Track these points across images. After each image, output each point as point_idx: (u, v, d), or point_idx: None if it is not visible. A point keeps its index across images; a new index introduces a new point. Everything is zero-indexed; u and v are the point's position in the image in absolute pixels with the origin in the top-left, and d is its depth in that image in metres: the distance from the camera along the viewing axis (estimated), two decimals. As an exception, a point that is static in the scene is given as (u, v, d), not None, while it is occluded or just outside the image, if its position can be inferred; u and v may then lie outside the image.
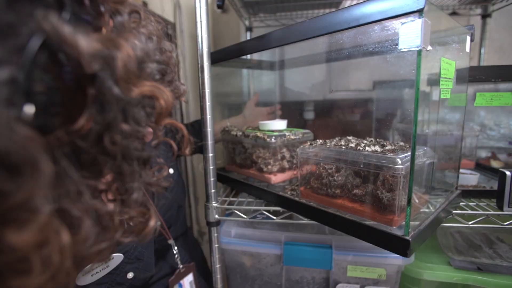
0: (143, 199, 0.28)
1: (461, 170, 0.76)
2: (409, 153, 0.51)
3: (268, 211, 0.65)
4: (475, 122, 0.96)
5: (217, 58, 0.73)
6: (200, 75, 0.63)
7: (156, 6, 1.34)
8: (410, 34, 0.40)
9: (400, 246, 0.44)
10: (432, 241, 0.82)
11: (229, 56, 0.71)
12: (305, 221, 0.62)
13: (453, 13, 1.07)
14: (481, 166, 0.84)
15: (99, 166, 0.22)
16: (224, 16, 1.56)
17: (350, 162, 0.53)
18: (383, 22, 0.43)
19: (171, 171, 0.68)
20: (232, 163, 0.83)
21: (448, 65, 0.48)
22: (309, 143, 0.62)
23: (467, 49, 0.56)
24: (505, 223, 0.59)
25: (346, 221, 0.51)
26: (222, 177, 0.81)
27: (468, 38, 0.56)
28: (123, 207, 0.26)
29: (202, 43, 0.61)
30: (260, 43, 0.62)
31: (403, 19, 0.41)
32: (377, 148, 0.53)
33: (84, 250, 0.21)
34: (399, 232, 0.46)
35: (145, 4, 1.24)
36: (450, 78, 0.50)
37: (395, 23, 0.43)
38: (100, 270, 0.50)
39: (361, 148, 0.54)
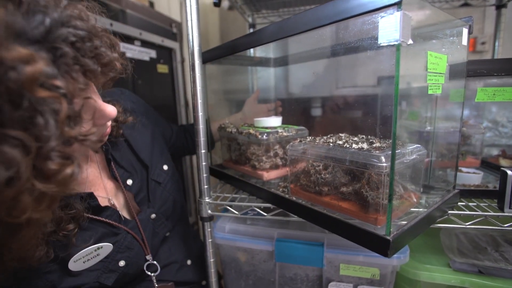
0: (66, 152, 0.31)
1: (464, 169, 0.73)
2: (399, 150, 0.50)
3: (259, 208, 0.66)
4: (485, 119, 0.91)
5: (211, 56, 0.74)
6: (191, 73, 0.64)
7: (163, 6, 1.37)
8: (388, 28, 0.39)
9: (380, 245, 0.43)
10: (434, 241, 0.79)
11: (223, 54, 0.71)
12: (295, 218, 0.61)
13: (465, 4, 1.02)
14: (489, 165, 0.80)
15: (5, 115, 0.26)
16: (231, 13, 1.57)
17: (336, 159, 0.52)
18: (365, 16, 0.42)
19: (165, 167, 0.70)
20: (228, 159, 0.84)
21: (437, 59, 0.46)
22: (298, 140, 0.61)
23: (464, 42, 0.54)
24: (505, 225, 0.57)
25: (330, 219, 0.51)
26: (218, 173, 0.82)
27: (465, 31, 0.54)
28: (41, 156, 0.29)
29: (192, 42, 0.62)
30: (250, 40, 0.62)
31: (382, 13, 0.40)
32: (365, 145, 0.52)
33: None
34: (383, 232, 0.45)
35: (151, 4, 1.27)
36: (440, 73, 0.48)
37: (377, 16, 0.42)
38: (91, 258, 0.53)
39: (348, 146, 0.53)
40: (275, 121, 0.74)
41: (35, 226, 0.36)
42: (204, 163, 0.67)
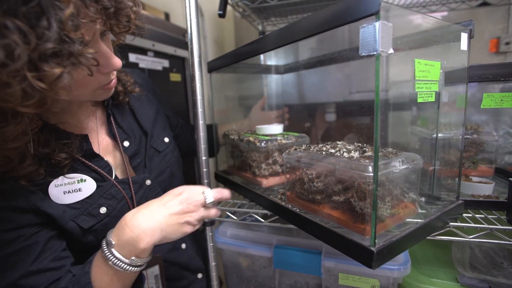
0: (60, 59, 0.34)
1: (474, 178, 0.69)
2: (388, 160, 0.49)
3: (257, 214, 0.67)
4: (506, 125, 0.85)
5: (216, 65, 0.77)
6: (191, 83, 0.66)
7: (179, 16, 1.42)
8: (368, 38, 0.39)
9: (365, 256, 0.43)
10: (444, 254, 0.75)
11: (227, 63, 0.74)
12: (289, 225, 0.62)
13: (484, 4, 0.97)
14: (507, 174, 0.75)
15: (13, 5, 0.30)
16: (244, 21, 1.60)
17: (327, 168, 0.52)
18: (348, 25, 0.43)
19: (166, 139, 0.71)
20: (232, 166, 0.86)
21: (428, 66, 0.45)
22: (294, 148, 0.62)
23: (464, 47, 0.52)
24: (513, 239, 0.53)
25: (318, 227, 0.51)
26: (223, 178, 0.84)
27: (465, 35, 0.52)
28: (38, 52, 0.32)
29: (192, 53, 0.65)
30: (249, 49, 0.64)
31: (363, 23, 0.40)
32: (356, 154, 0.51)
33: None
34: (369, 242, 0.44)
35: (167, 15, 1.33)
36: (432, 80, 0.46)
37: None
38: (72, 191, 0.52)
39: (339, 154, 0.52)
40: (276, 128, 0.75)
41: (20, 124, 0.40)
42: (205, 170, 0.70)
